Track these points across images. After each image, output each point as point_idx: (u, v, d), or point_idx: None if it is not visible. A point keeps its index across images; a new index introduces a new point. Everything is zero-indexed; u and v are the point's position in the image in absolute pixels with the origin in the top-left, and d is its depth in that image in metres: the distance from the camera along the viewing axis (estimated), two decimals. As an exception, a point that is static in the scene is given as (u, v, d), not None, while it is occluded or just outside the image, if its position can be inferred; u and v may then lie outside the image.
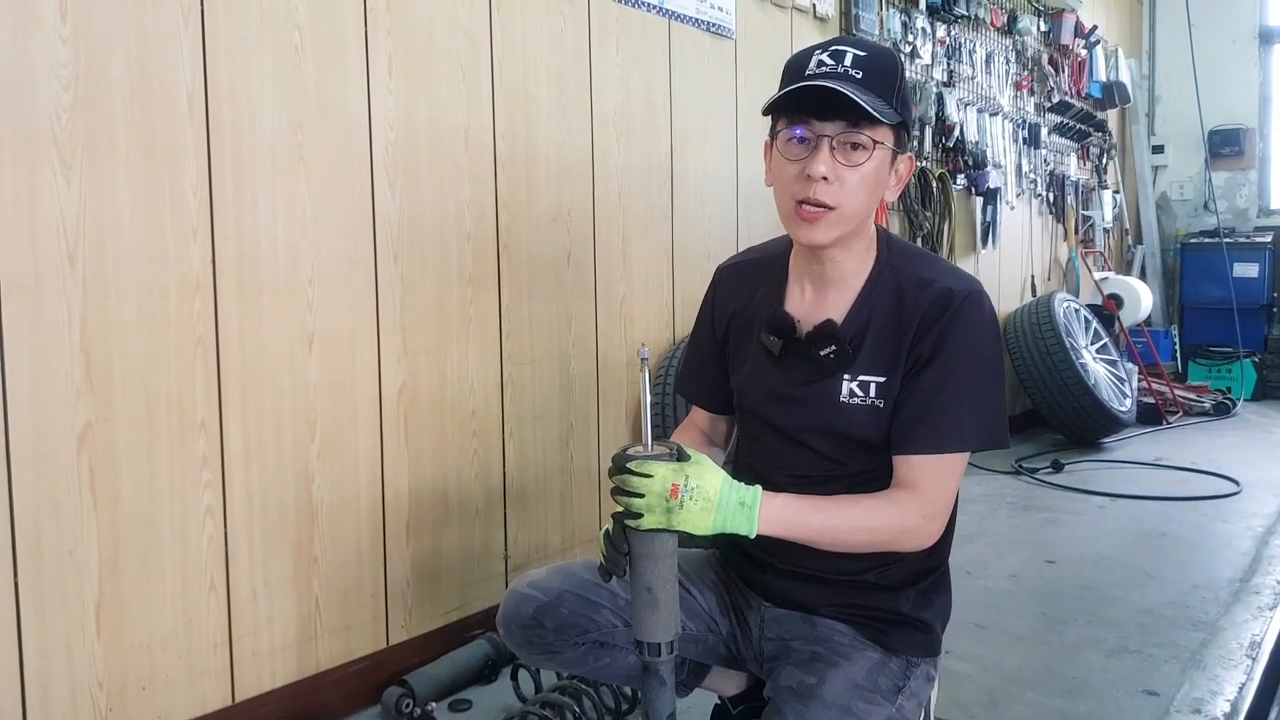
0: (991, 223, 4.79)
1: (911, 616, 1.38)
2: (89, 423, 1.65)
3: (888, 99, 1.26)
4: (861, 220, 1.32)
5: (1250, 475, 4.06)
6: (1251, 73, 6.63)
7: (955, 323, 1.29)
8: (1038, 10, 5.21)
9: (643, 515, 1.16)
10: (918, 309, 1.31)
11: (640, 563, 1.19)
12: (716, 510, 1.18)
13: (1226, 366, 6.30)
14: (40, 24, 1.56)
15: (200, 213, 1.78)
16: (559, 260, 2.53)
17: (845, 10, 3.67)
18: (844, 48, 1.28)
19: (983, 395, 1.31)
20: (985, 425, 1.31)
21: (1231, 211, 6.72)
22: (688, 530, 1.17)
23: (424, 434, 2.21)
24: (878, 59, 1.28)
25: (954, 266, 1.40)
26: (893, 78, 1.28)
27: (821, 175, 1.26)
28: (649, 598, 1.18)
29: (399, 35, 2.10)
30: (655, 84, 2.81)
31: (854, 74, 1.25)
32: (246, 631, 1.89)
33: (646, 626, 1.19)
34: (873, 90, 1.25)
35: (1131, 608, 2.61)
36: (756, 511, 1.21)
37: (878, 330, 1.33)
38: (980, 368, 1.31)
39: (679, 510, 1.16)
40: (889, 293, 1.35)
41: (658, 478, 1.16)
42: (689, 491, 1.16)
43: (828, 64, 1.27)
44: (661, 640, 1.19)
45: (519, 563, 2.44)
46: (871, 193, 1.30)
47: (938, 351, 1.29)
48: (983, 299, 1.33)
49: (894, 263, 1.37)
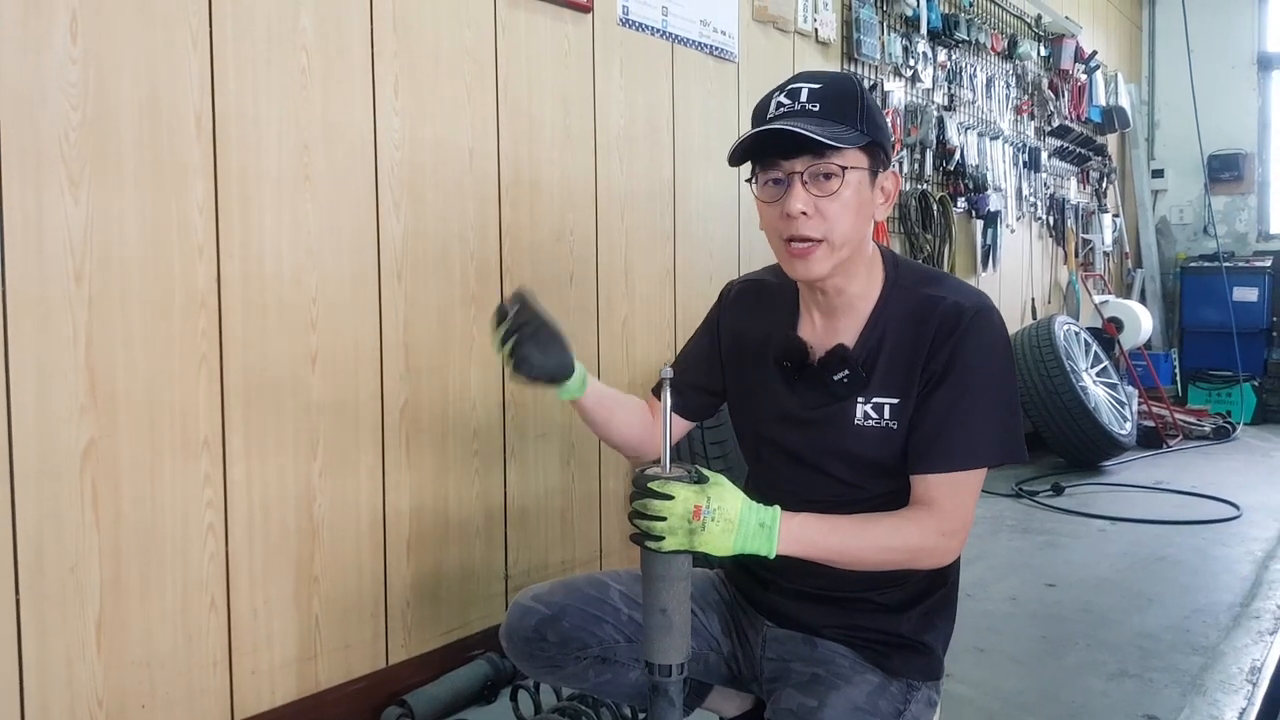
0: (992, 246, 4.81)
1: (913, 639, 1.38)
2: (92, 439, 1.65)
3: (850, 123, 1.28)
4: (854, 245, 1.33)
5: (1250, 499, 4.05)
6: (1250, 98, 6.68)
7: (966, 339, 1.30)
8: (1038, 35, 5.26)
9: (664, 538, 1.16)
10: (929, 328, 1.31)
11: (657, 584, 1.18)
12: (737, 531, 1.18)
13: (1226, 390, 6.30)
14: (51, 45, 1.58)
15: (206, 231, 1.79)
16: (562, 280, 2.54)
17: (847, 35, 3.71)
18: (799, 84, 1.30)
19: (997, 411, 1.31)
20: (1001, 441, 1.31)
21: (1231, 236, 6.75)
22: (708, 551, 1.18)
23: (426, 453, 2.21)
24: (833, 86, 1.30)
25: (962, 282, 1.40)
26: (852, 101, 1.29)
27: (799, 211, 1.27)
28: (664, 620, 1.18)
29: (405, 57, 2.12)
30: (658, 106, 2.83)
31: (811, 108, 1.28)
32: (246, 650, 1.89)
33: (659, 648, 1.19)
34: (833, 118, 1.27)
35: (1131, 632, 2.60)
36: (776, 532, 1.21)
37: (890, 352, 1.34)
38: (993, 383, 1.31)
39: (701, 532, 1.16)
40: (899, 313, 1.35)
41: (679, 499, 1.16)
42: (711, 513, 1.16)
43: (785, 104, 1.30)
44: (673, 662, 1.19)
45: (519, 582, 2.44)
46: (856, 216, 1.30)
47: (950, 368, 1.30)
48: (993, 314, 1.33)
49: (902, 282, 1.38)
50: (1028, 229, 5.34)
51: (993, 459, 1.31)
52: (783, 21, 3.30)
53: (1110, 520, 3.81)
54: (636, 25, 2.72)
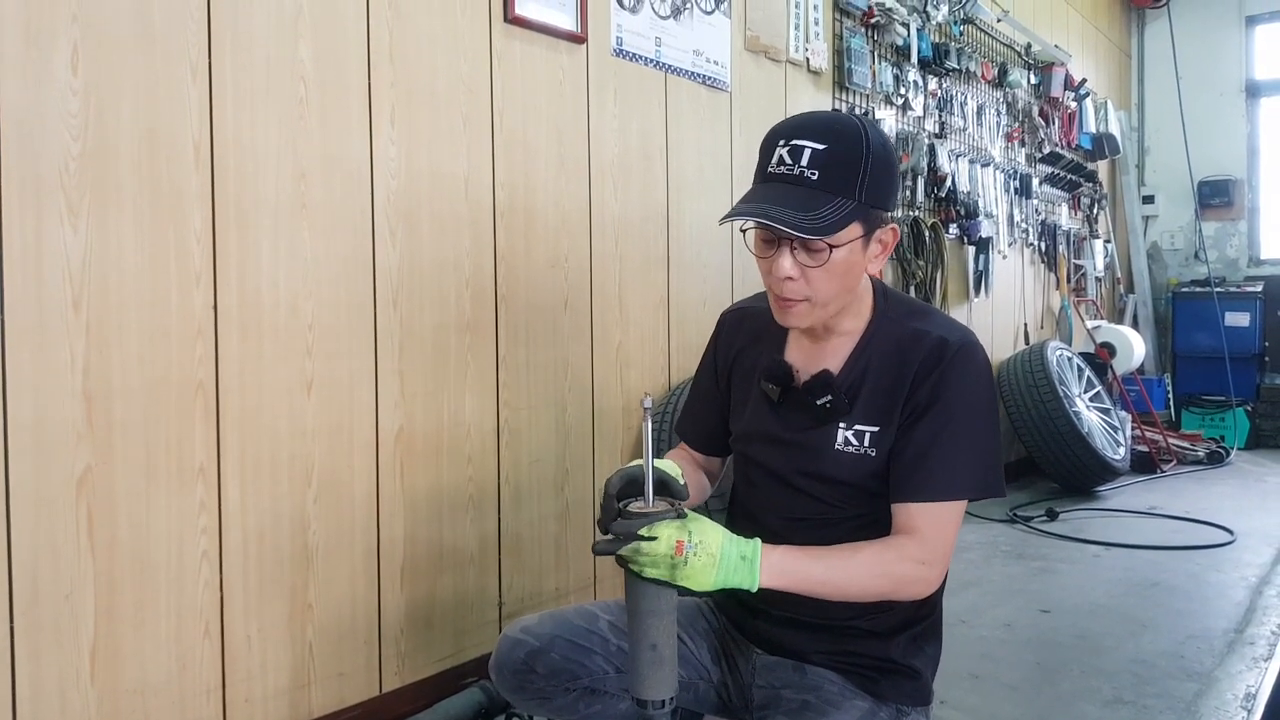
0: (984, 271, 4.84)
1: (901, 663, 1.39)
2: (89, 466, 1.66)
3: (848, 193, 1.26)
4: (842, 301, 1.35)
5: (1244, 525, 4.06)
6: (1239, 125, 6.74)
7: (950, 373, 1.32)
8: (1028, 64, 5.31)
9: (645, 568, 1.17)
10: (913, 360, 1.34)
11: (647, 619, 1.19)
12: (719, 566, 1.19)
13: (1219, 415, 6.32)
14: (52, 76, 1.60)
15: (203, 259, 1.81)
16: (556, 307, 2.56)
17: (838, 64, 3.75)
18: (803, 143, 1.26)
19: (978, 445, 1.33)
20: (980, 475, 1.33)
21: (1222, 261, 6.79)
22: (690, 586, 1.19)
23: (420, 479, 2.22)
24: (837, 151, 1.26)
25: (949, 318, 1.42)
26: (854, 167, 1.26)
27: (786, 275, 1.29)
28: (653, 655, 1.19)
29: (402, 87, 2.15)
30: (652, 135, 2.86)
31: (810, 176, 1.25)
32: (240, 678, 1.88)
33: (650, 684, 1.19)
34: (830, 188, 1.25)
35: (1126, 658, 2.60)
36: (758, 565, 1.22)
37: (873, 382, 1.36)
38: (975, 417, 1.33)
39: (683, 566, 1.17)
40: (885, 345, 1.37)
41: (663, 539, 1.17)
42: (693, 548, 1.17)
43: (786, 162, 1.27)
44: (663, 697, 1.19)
45: (513, 609, 2.44)
46: (844, 279, 1.31)
47: (933, 401, 1.32)
48: (977, 349, 1.35)
49: (890, 314, 1.40)
50: (1019, 255, 5.37)
51: (972, 492, 1.33)
52: (774, 51, 3.35)
53: (1104, 546, 3.81)
54: (630, 56, 2.76)
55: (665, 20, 2.88)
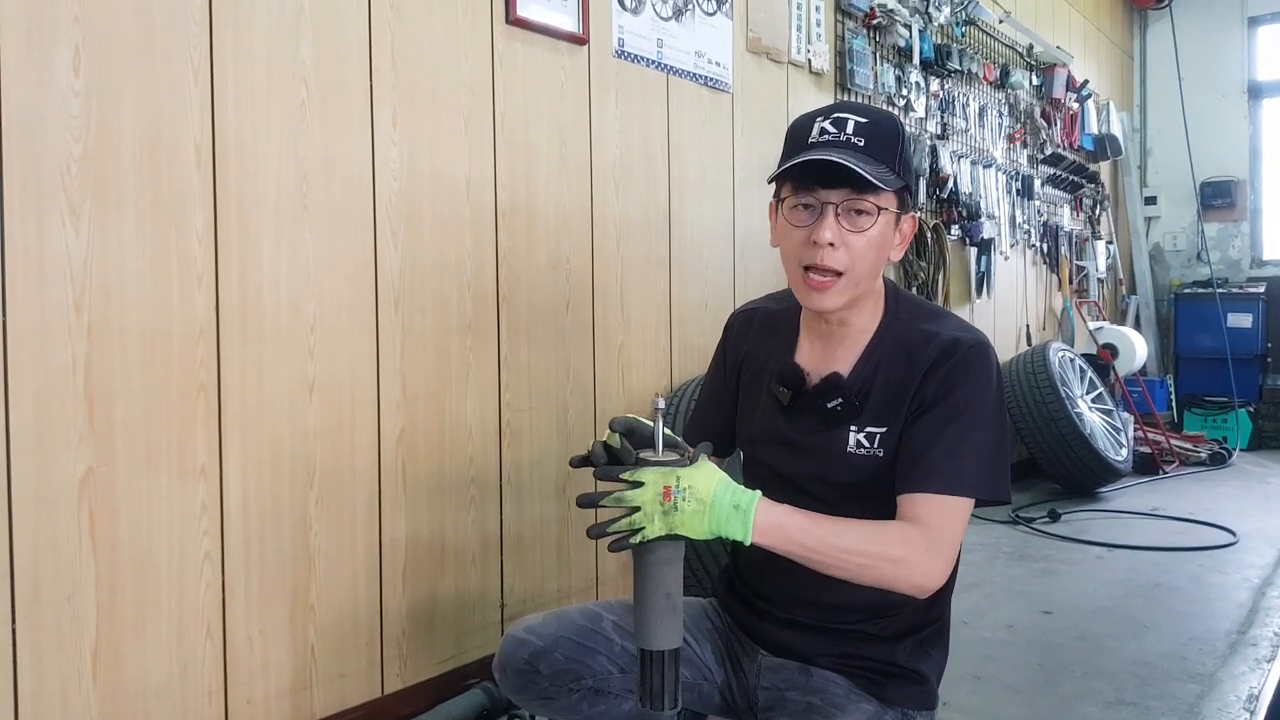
0: (986, 272, 4.84)
1: (907, 667, 1.38)
2: (90, 468, 1.66)
3: (890, 165, 1.29)
4: (869, 282, 1.34)
5: (1247, 526, 4.05)
6: (1241, 126, 6.74)
7: (959, 370, 1.31)
8: (1030, 65, 5.31)
9: (644, 527, 1.14)
10: (923, 358, 1.33)
11: (662, 569, 1.16)
12: (709, 512, 1.15)
13: (1222, 416, 6.31)
14: (54, 78, 1.60)
15: (205, 261, 1.81)
16: (558, 308, 2.56)
17: (840, 65, 3.75)
18: (846, 115, 1.30)
19: (985, 445, 1.31)
20: (986, 474, 1.30)
21: (1224, 262, 6.79)
22: (684, 533, 1.14)
23: (422, 480, 2.22)
24: (879, 126, 1.30)
25: (963, 320, 1.41)
26: (894, 143, 1.30)
27: (828, 241, 1.28)
28: (668, 603, 1.16)
29: (404, 89, 2.15)
30: (653, 136, 2.86)
31: (856, 141, 1.28)
32: (242, 679, 1.88)
33: (664, 633, 1.16)
34: (875, 157, 1.27)
35: (1128, 659, 2.60)
36: (751, 516, 1.17)
37: (884, 383, 1.35)
38: (983, 418, 1.31)
39: (675, 513, 1.13)
40: (895, 346, 1.37)
41: (649, 484, 1.13)
42: (681, 493, 1.13)
43: (830, 131, 1.29)
44: (676, 646, 1.17)
45: (515, 611, 2.43)
46: (878, 255, 1.32)
47: (941, 397, 1.31)
48: (988, 351, 1.34)
49: (901, 316, 1.39)
50: (1022, 256, 5.37)
51: (977, 489, 1.30)
52: (776, 53, 3.34)
53: (1107, 547, 3.80)
54: (632, 57, 2.76)
55: (667, 21, 2.88)
